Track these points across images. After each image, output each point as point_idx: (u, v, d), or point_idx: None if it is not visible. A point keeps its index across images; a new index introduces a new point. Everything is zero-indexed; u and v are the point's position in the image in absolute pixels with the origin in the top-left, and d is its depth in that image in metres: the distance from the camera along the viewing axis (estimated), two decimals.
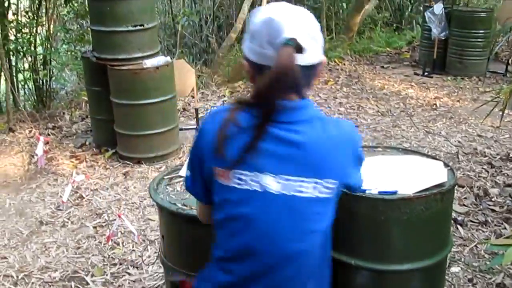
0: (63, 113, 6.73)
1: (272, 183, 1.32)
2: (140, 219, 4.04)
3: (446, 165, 2.39)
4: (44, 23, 7.37)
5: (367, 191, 2.20)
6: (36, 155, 4.87)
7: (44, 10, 7.42)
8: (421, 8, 11.81)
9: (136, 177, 4.73)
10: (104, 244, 3.72)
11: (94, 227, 3.96)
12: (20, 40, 6.95)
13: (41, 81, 7.29)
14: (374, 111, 6.29)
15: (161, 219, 2.22)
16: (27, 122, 6.32)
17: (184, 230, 2.06)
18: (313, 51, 1.34)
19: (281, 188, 1.31)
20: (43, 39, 7.26)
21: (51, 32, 7.30)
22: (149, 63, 4.72)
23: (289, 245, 1.35)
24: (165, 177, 2.39)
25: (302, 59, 1.31)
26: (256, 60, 1.36)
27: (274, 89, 1.26)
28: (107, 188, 4.55)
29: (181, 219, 2.03)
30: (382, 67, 8.37)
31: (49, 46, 7.36)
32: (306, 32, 1.33)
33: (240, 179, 1.33)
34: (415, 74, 7.86)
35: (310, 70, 1.36)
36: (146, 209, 4.16)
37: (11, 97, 6.57)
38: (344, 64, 8.37)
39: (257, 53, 1.35)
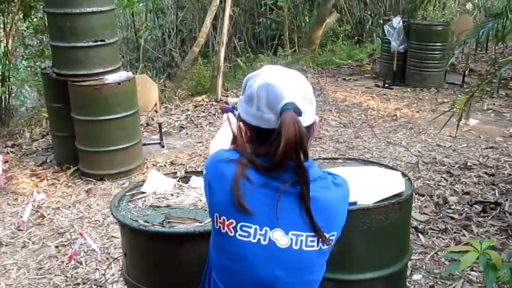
0: (23, 131, 6.58)
1: (280, 238, 1.36)
2: (103, 236, 3.98)
3: (404, 175, 2.46)
4: (2, 38, 7.22)
5: None
6: None
7: (1, 26, 7.28)
8: (381, 21, 12.13)
9: (99, 194, 4.66)
10: (66, 263, 3.64)
11: (56, 247, 3.88)
12: None
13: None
14: (337, 122, 6.38)
15: (123, 236, 2.20)
16: None
17: (146, 247, 2.04)
18: (309, 113, 1.40)
19: (288, 243, 1.36)
20: (1, 55, 7.10)
21: (10, 48, 7.15)
22: (110, 78, 4.68)
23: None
24: (127, 194, 2.38)
25: (302, 122, 1.36)
26: (255, 123, 1.40)
27: (292, 154, 1.31)
28: (69, 206, 4.47)
29: (143, 236, 2.02)
30: (344, 79, 8.52)
31: (7, 62, 7.20)
32: (303, 96, 1.38)
33: (244, 231, 1.37)
34: (376, 86, 8.03)
35: (308, 131, 1.40)
36: (110, 227, 4.10)
37: None
38: (307, 77, 8.44)
39: (256, 116, 1.39)
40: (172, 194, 2.35)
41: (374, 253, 2.25)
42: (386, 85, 7.90)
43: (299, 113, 1.34)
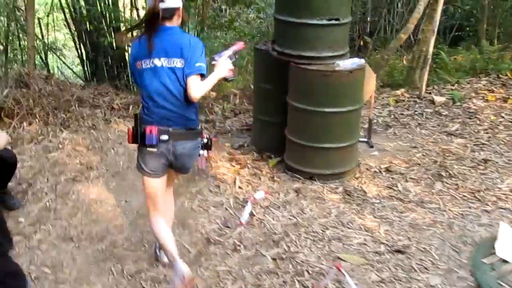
0: (211, 105, 6.22)
1: (157, 62, 2.76)
2: (326, 255, 3.32)
3: None
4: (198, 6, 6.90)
5: None
6: (202, 155, 4.31)
7: None
8: None
9: (310, 196, 4.04)
10: (290, 287, 3.04)
11: (273, 259, 3.29)
12: None
13: None
14: None
15: None
16: None
17: None
18: (170, 1, 2.73)
19: (162, 63, 2.76)
20: (196, 22, 6.78)
21: (205, 16, 6.80)
22: (342, 64, 3.98)
23: (168, 88, 2.78)
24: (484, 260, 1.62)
25: (163, 5, 2.71)
26: None
27: (148, 19, 2.77)
28: (279, 207, 3.89)
29: None
30: None
31: (199, 29, 6.88)
32: None
33: (142, 64, 2.81)
34: None
35: (171, 11, 2.76)
36: (332, 244, 3.44)
37: None
38: None
39: None
40: None
41: None
42: None
43: (162, 1, 2.71)
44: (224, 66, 2.89)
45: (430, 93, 6.63)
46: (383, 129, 5.47)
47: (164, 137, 2.77)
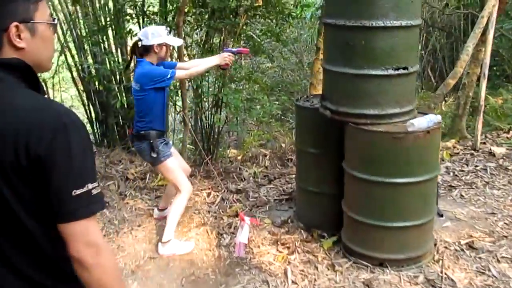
0: (239, 169, 5.43)
1: (132, 82, 3.70)
2: None
3: None
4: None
5: None
6: (242, 243, 3.49)
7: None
8: None
9: None
10: None
11: None
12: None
13: (211, 126, 6.09)
14: None
15: None
16: (200, 179, 5.08)
17: None
18: (145, 41, 3.59)
19: (133, 84, 3.69)
20: (217, 76, 6.07)
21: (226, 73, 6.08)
22: (417, 123, 3.20)
23: (134, 102, 3.80)
24: None
25: (140, 43, 3.60)
26: None
27: (130, 51, 3.86)
28: None
29: None
30: None
31: (221, 84, 6.16)
32: (144, 35, 3.59)
33: None
34: None
35: (146, 48, 3.61)
36: None
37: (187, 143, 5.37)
38: None
39: None
40: None
41: None
42: None
43: (140, 40, 3.59)
44: (223, 57, 3.78)
45: (484, 143, 5.84)
46: (447, 191, 4.64)
47: (130, 136, 3.89)
